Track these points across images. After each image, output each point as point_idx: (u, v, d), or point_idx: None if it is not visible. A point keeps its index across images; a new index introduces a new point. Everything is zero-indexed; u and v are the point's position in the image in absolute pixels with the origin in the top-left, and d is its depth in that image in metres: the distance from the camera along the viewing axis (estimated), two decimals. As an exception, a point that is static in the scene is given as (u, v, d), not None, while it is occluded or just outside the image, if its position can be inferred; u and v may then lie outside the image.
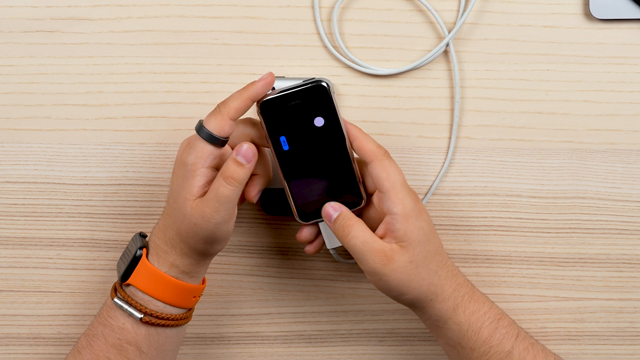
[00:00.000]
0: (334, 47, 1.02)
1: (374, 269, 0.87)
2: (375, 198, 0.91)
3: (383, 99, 1.02)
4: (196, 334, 1.04)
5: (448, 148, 1.02)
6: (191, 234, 0.88)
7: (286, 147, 0.89)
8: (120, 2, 1.01)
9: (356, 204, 0.92)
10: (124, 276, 0.90)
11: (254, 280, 1.04)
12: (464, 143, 1.03)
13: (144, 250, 0.90)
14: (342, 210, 0.90)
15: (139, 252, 0.90)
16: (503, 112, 1.02)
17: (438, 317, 0.90)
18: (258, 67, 1.01)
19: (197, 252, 0.90)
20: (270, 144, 0.89)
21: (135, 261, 0.90)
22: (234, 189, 0.86)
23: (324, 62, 1.01)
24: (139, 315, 0.89)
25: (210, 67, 1.02)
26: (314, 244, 0.95)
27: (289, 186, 0.91)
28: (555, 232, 1.03)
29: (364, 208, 0.93)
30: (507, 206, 1.03)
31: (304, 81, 0.88)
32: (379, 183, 0.88)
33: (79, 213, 1.03)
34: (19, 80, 1.01)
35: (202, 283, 0.94)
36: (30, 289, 1.03)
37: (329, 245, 0.94)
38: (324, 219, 0.91)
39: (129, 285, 0.90)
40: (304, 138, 0.89)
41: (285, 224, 1.04)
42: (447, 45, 1.01)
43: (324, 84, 0.88)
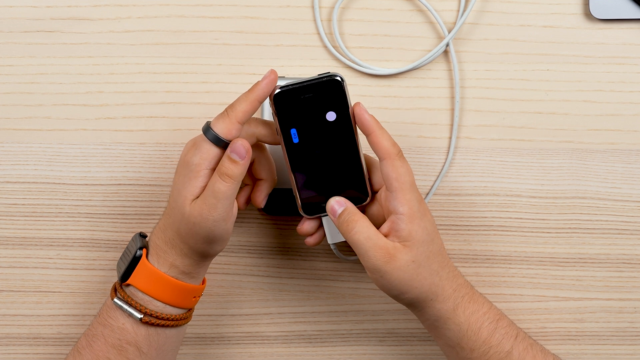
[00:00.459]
0: (334, 47, 1.02)
1: (376, 265, 0.87)
2: (382, 195, 0.92)
3: (383, 99, 1.02)
4: (196, 334, 1.04)
5: (448, 148, 1.02)
6: (190, 233, 0.88)
7: (296, 140, 0.89)
8: (120, 2, 1.01)
9: (361, 200, 0.92)
10: (124, 276, 0.90)
11: (254, 280, 1.04)
12: (464, 143, 1.03)
13: (144, 250, 0.90)
14: (347, 205, 0.90)
15: (138, 252, 0.90)
16: (503, 112, 1.02)
17: (438, 317, 0.90)
18: (258, 67, 1.01)
19: (196, 253, 0.90)
20: (281, 135, 0.89)
21: (135, 261, 0.90)
22: (229, 186, 0.86)
23: (324, 62, 1.02)
24: (139, 316, 0.89)
25: (210, 67, 1.02)
26: (314, 236, 0.94)
27: (295, 179, 0.91)
28: (555, 232, 1.03)
29: (368, 204, 0.93)
30: (507, 206, 1.03)
31: (318, 75, 0.88)
32: (388, 182, 0.88)
33: (79, 213, 1.03)
34: (19, 80, 1.01)
35: (202, 283, 0.94)
36: (30, 289, 1.03)
37: (331, 240, 0.94)
38: (328, 213, 0.91)
39: (128, 285, 0.90)
40: (314, 131, 0.89)
41: (285, 223, 1.04)
42: (447, 45, 1.01)
43: (338, 79, 0.88)
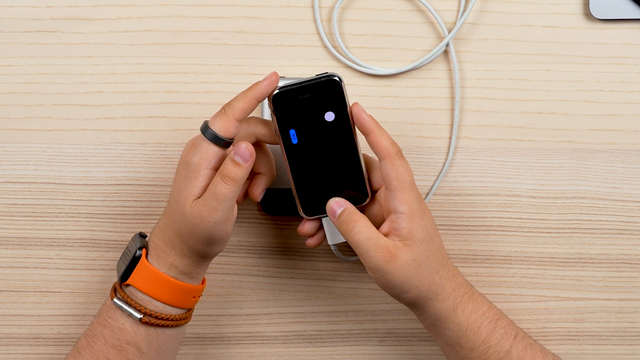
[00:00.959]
0: (334, 47, 1.02)
1: (377, 265, 0.87)
2: (381, 195, 0.91)
3: (383, 99, 1.02)
4: (196, 334, 1.04)
5: (448, 148, 1.02)
6: (190, 234, 0.88)
7: (295, 141, 0.89)
8: (120, 2, 1.01)
9: (360, 201, 0.92)
10: (124, 276, 0.90)
11: (253, 280, 1.04)
12: (464, 143, 1.03)
13: (144, 250, 0.90)
14: (347, 205, 0.90)
15: (138, 253, 0.90)
16: (503, 112, 1.02)
17: (437, 317, 0.90)
18: (258, 67, 1.01)
19: (196, 253, 0.90)
20: (280, 136, 0.89)
21: (134, 261, 0.89)
22: (231, 188, 0.85)
23: (324, 62, 1.02)
24: (139, 316, 0.89)
25: (210, 67, 1.02)
26: (315, 237, 0.94)
27: (294, 180, 0.90)
28: (555, 232, 1.03)
29: (368, 204, 0.93)
30: (507, 206, 1.03)
31: (316, 75, 0.88)
32: (388, 182, 0.88)
33: (79, 213, 1.03)
34: (19, 80, 1.01)
35: (202, 283, 0.93)
36: (30, 289, 1.03)
37: (331, 241, 0.94)
38: (328, 214, 0.91)
39: (128, 285, 0.90)
40: (313, 132, 0.89)
41: (285, 224, 1.04)
42: (447, 45, 1.01)
43: (336, 79, 0.87)
